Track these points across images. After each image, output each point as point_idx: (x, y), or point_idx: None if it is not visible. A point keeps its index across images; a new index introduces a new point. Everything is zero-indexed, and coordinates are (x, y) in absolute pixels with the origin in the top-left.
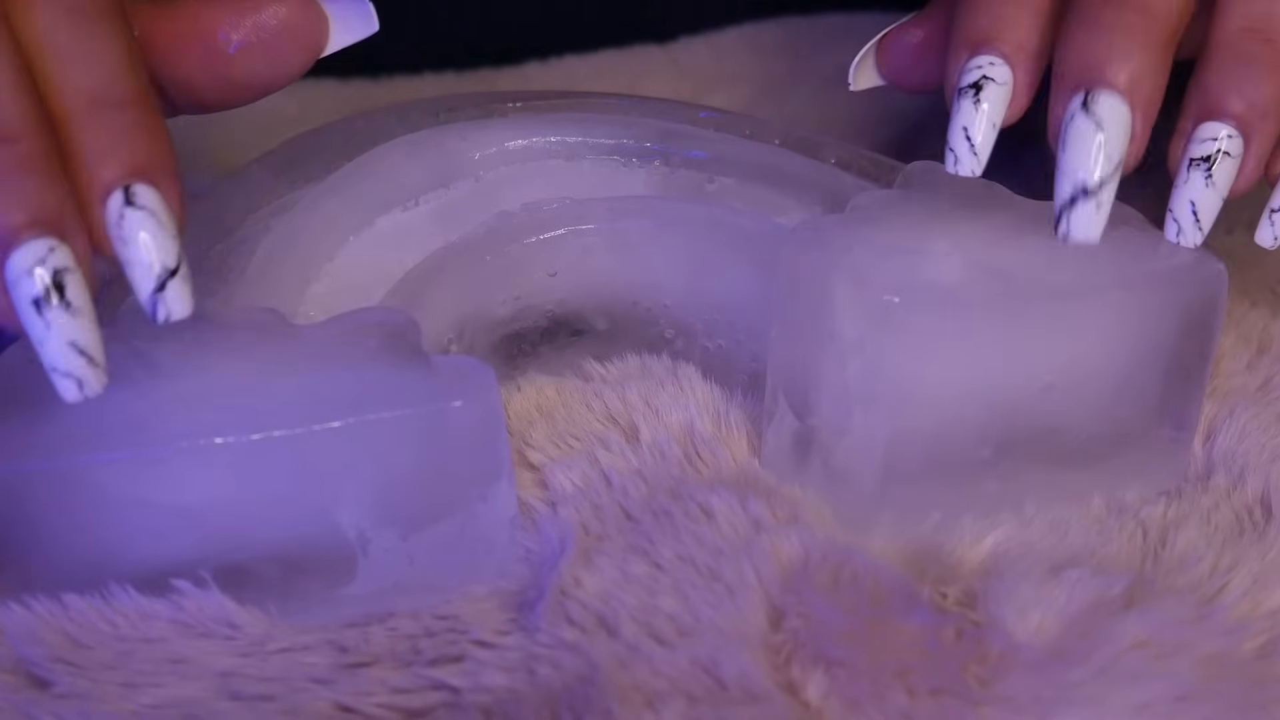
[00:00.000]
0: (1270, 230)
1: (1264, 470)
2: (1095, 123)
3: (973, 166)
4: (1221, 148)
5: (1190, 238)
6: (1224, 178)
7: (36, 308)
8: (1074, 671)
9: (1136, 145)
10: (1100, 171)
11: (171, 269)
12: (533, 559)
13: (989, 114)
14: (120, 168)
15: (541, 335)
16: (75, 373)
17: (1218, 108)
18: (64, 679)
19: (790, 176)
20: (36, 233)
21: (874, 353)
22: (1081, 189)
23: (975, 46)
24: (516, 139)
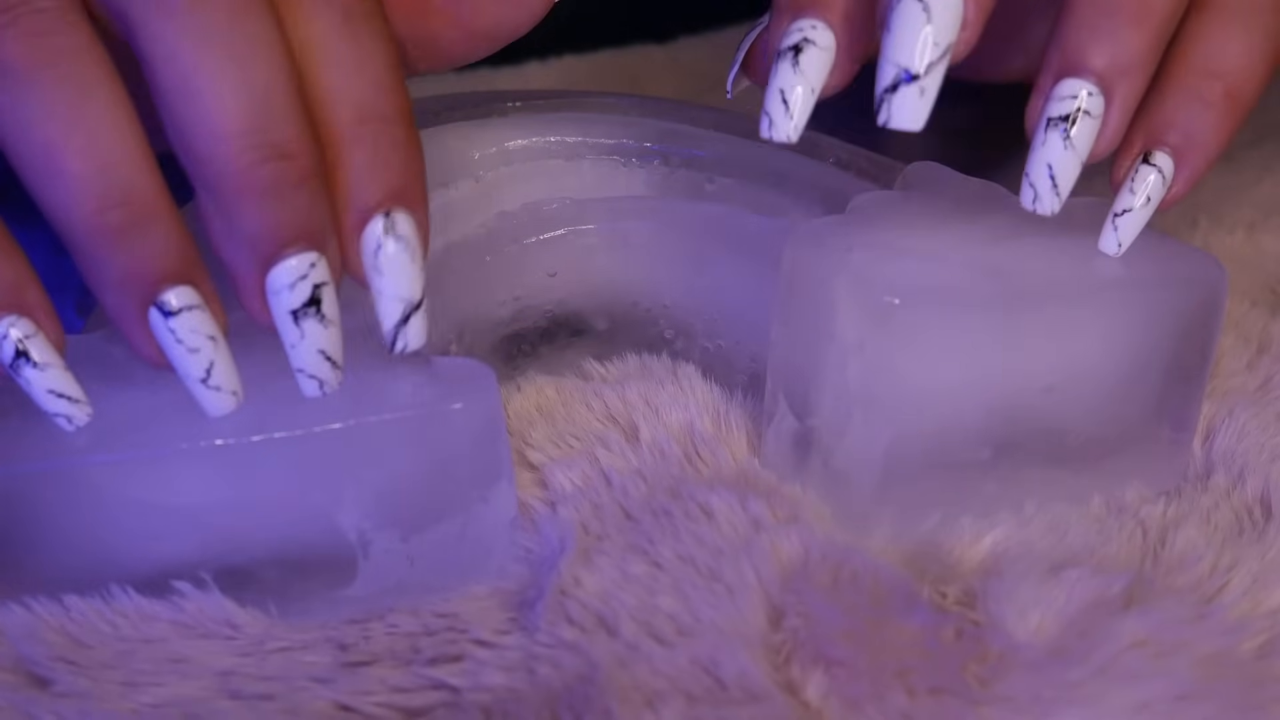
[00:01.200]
0: (1114, 236)
1: (1264, 470)
2: (923, 5)
3: (786, 132)
4: (1081, 106)
5: (1047, 204)
6: (1083, 139)
7: (294, 318)
8: (1073, 671)
9: (969, 32)
10: (927, 57)
11: (417, 303)
12: (532, 558)
13: (809, 77)
14: (382, 191)
15: (541, 335)
16: (319, 375)
17: (1077, 63)
18: (64, 678)
19: (790, 177)
20: (302, 247)
21: (874, 353)
22: (905, 73)
23: (798, 9)
24: (516, 139)
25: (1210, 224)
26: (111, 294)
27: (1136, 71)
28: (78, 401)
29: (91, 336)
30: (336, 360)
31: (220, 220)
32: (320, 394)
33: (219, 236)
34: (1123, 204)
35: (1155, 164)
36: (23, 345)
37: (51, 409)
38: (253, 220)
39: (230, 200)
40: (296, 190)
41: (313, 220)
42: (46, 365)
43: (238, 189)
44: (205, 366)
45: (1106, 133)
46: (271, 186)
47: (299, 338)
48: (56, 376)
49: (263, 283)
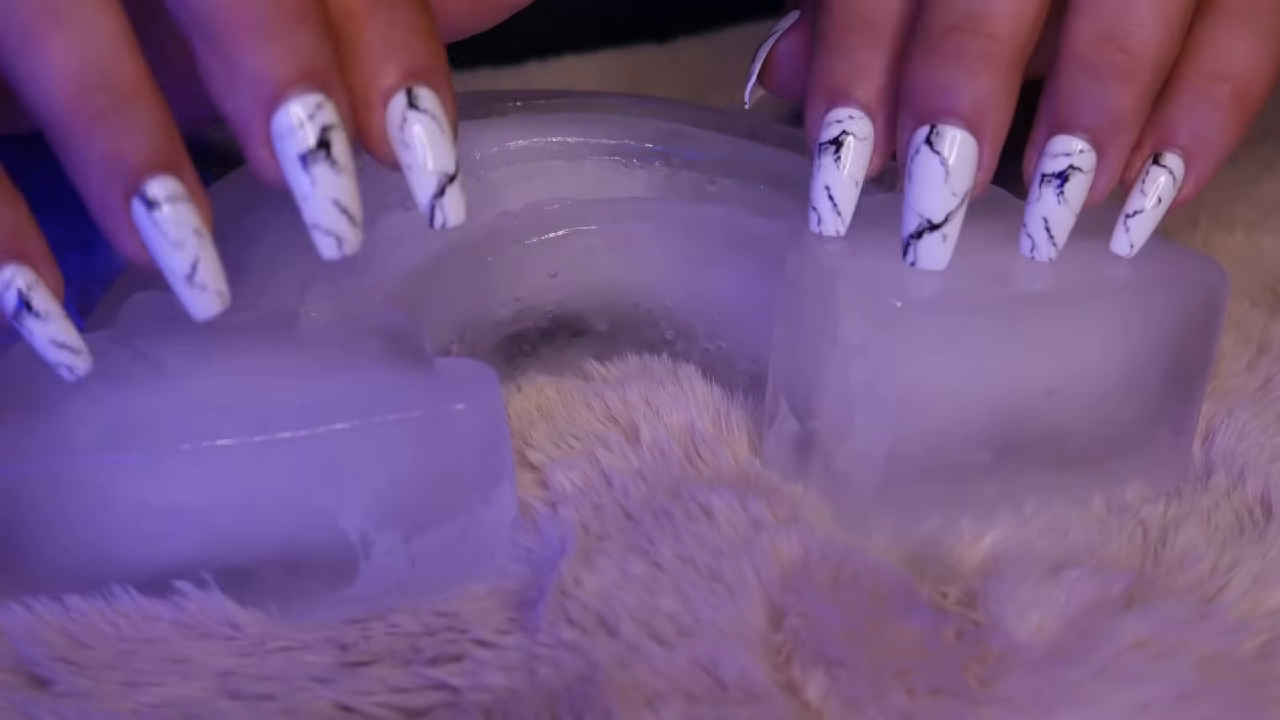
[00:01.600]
0: (1125, 238)
1: (1264, 470)
2: (940, 158)
3: (836, 226)
4: (1074, 163)
5: (1044, 253)
6: (1076, 194)
7: (303, 163)
8: (1074, 671)
9: (984, 173)
10: (946, 207)
11: (451, 174)
12: (533, 559)
13: (851, 171)
14: (402, 70)
15: (542, 336)
16: (336, 230)
17: (1070, 120)
18: (64, 678)
19: (791, 178)
20: (307, 87)
21: (876, 356)
22: (928, 223)
23: (833, 97)
24: (518, 139)
25: (1210, 224)
26: (93, 183)
27: (1125, 126)
28: (79, 351)
29: (92, 336)
30: (354, 214)
31: (220, 67)
32: (339, 253)
33: (221, 88)
34: (1134, 205)
35: (1166, 165)
36: (26, 295)
37: (54, 359)
38: (253, 60)
39: (228, 41)
40: (297, 26)
41: (317, 59)
42: (49, 315)
43: (235, 27)
44: (190, 262)
45: (1099, 185)
46: (270, 22)
47: (310, 186)
48: (58, 326)
49: (268, 129)
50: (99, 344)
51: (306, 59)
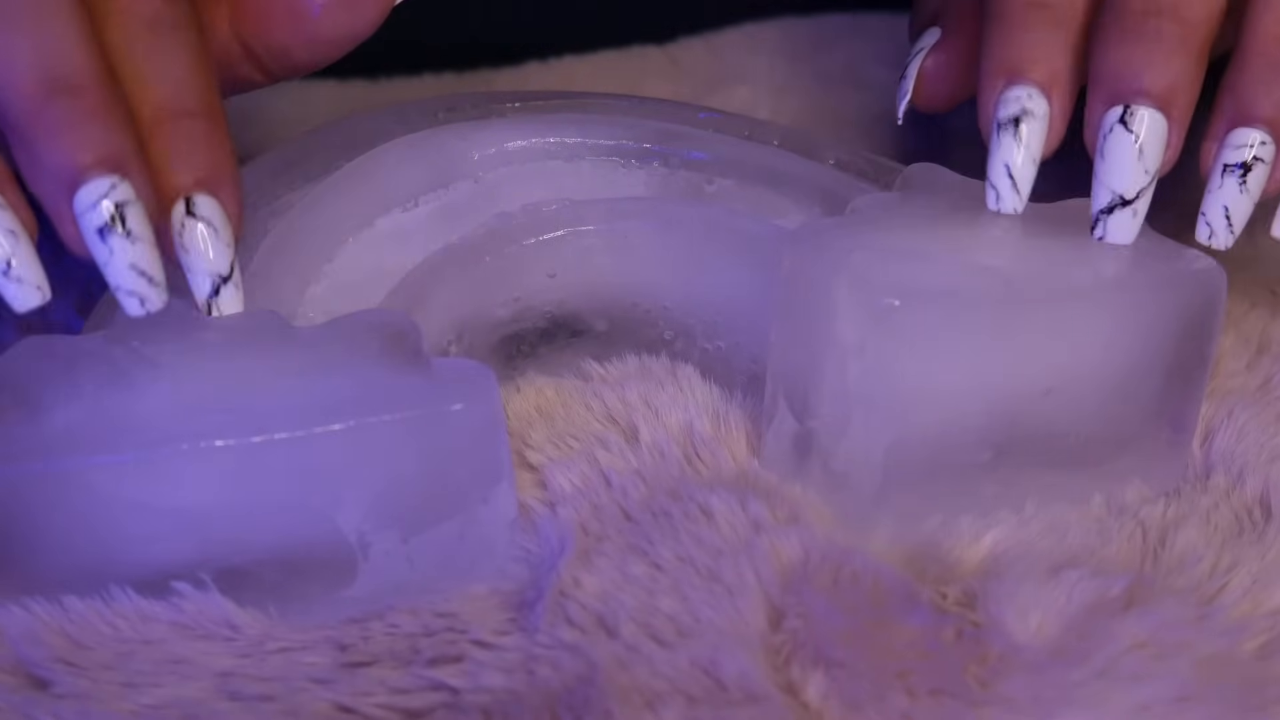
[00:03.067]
0: None
1: (1263, 470)
2: (1134, 136)
3: (1015, 204)
4: (1255, 154)
5: (1222, 240)
6: (1257, 183)
7: (101, 235)
8: (1074, 672)
9: (1171, 153)
10: (1139, 184)
11: (224, 276)
12: (532, 559)
13: (1030, 149)
14: (186, 177)
15: (541, 336)
16: (138, 291)
17: (1250, 114)
18: (64, 679)
19: (789, 178)
20: (101, 171)
21: (874, 355)
22: (1120, 199)
23: (1011, 76)
24: (516, 139)
25: None
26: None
27: None
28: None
29: (92, 337)
30: (153, 276)
31: (27, 159)
32: (142, 311)
33: (31, 176)
34: None
35: None
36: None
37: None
38: (51, 152)
39: (30, 137)
40: (89, 120)
41: (110, 146)
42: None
43: (34, 125)
44: (6, 259)
45: (1277, 175)
46: (64, 119)
47: (109, 254)
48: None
49: (71, 209)
50: (98, 344)
51: (100, 147)
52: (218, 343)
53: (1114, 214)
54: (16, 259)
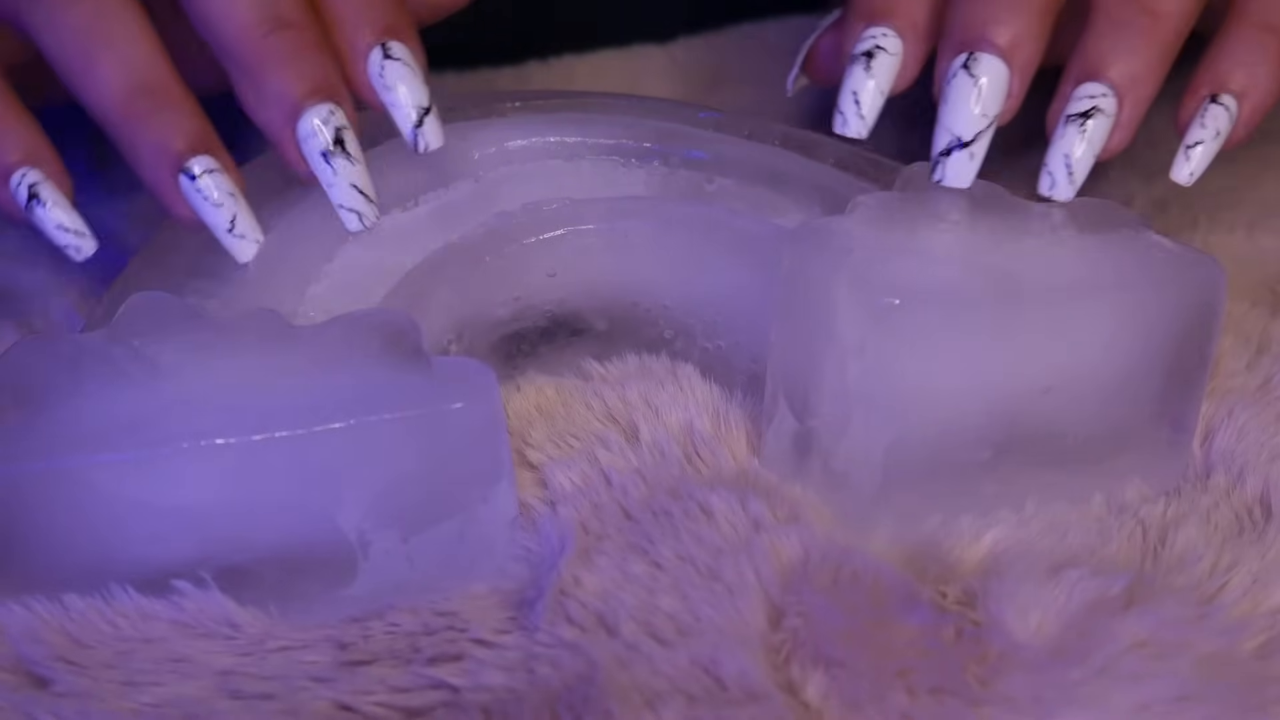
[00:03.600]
0: (1186, 166)
1: (1263, 470)
2: (974, 81)
3: (858, 129)
4: (1097, 105)
5: (1063, 191)
6: (1098, 133)
7: (324, 158)
8: (1074, 671)
9: (1012, 102)
10: (976, 127)
11: (426, 107)
12: (532, 558)
13: (878, 81)
14: (374, 31)
15: (541, 335)
16: (357, 208)
17: (1095, 71)
18: (64, 678)
19: (789, 177)
20: (319, 99)
21: (874, 354)
22: (957, 141)
23: (871, 18)
24: (516, 139)
25: (1210, 224)
26: (148, 168)
27: (1145, 80)
28: (84, 235)
29: (91, 336)
30: (369, 194)
31: (251, 91)
32: (360, 226)
33: (252, 106)
34: (1194, 137)
35: (1223, 103)
36: (34, 189)
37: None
38: (275, 82)
39: (255, 70)
40: (305, 53)
41: (324, 76)
42: (54, 204)
43: (258, 59)
44: (230, 218)
45: (1118, 131)
46: (284, 51)
47: (333, 175)
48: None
49: (294, 134)
50: (98, 344)
51: (317, 77)
52: (218, 342)
53: (951, 155)
54: (239, 217)
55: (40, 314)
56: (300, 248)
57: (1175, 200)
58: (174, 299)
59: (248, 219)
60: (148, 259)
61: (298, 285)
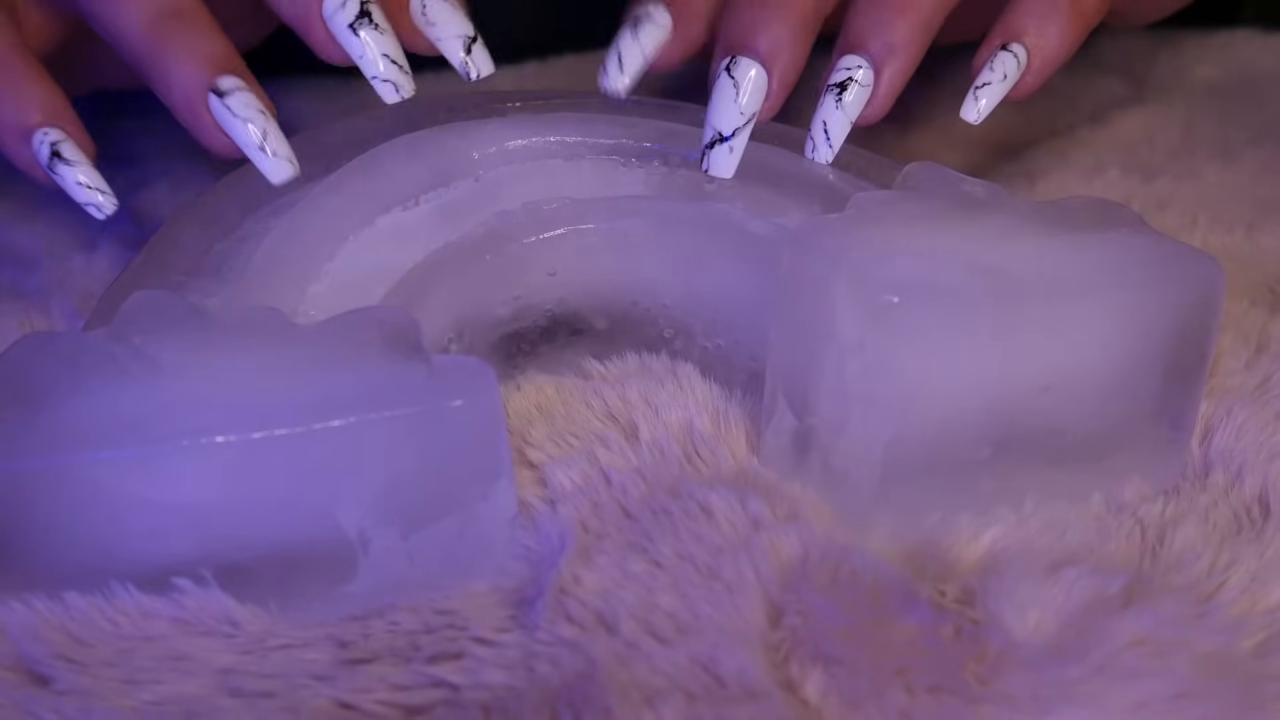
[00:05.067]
0: (974, 106)
1: (1262, 469)
2: (734, 83)
3: (617, 84)
4: (853, 76)
5: (822, 154)
6: (853, 102)
7: (353, 31)
8: (1072, 669)
9: (771, 102)
10: (735, 123)
11: (472, 36)
12: (532, 557)
13: (642, 44)
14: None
15: (541, 335)
16: (392, 78)
17: (855, 44)
18: (65, 676)
19: (789, 177)
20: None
21: (873, 352)
22: (718, 135)
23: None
24: (516, 139)
25: (1210, 223)
26: (178, 92)
27: (900, 52)
28: (105, 192)
29: (92, 334)
30: (402, 64)
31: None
32: (398, 97)
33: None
34: (983, 79)
35: (1012, 51)
36: (56, 148)
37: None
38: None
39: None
40: None
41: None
42: (76, 162)
43: None
44: (261, 132)
45: (876, 100)
46: None
47: (363, 48)
48: (85, 171)
49: (319, 14)
50: (98, 343)
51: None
52: (219, 340)
53: (714, 149)
54: (270, 135)
55: (41, 313)
56: (300, 247)
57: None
58: (175, 298)
59: (279, 138)
60: (148, 259)
61: (298, 284)
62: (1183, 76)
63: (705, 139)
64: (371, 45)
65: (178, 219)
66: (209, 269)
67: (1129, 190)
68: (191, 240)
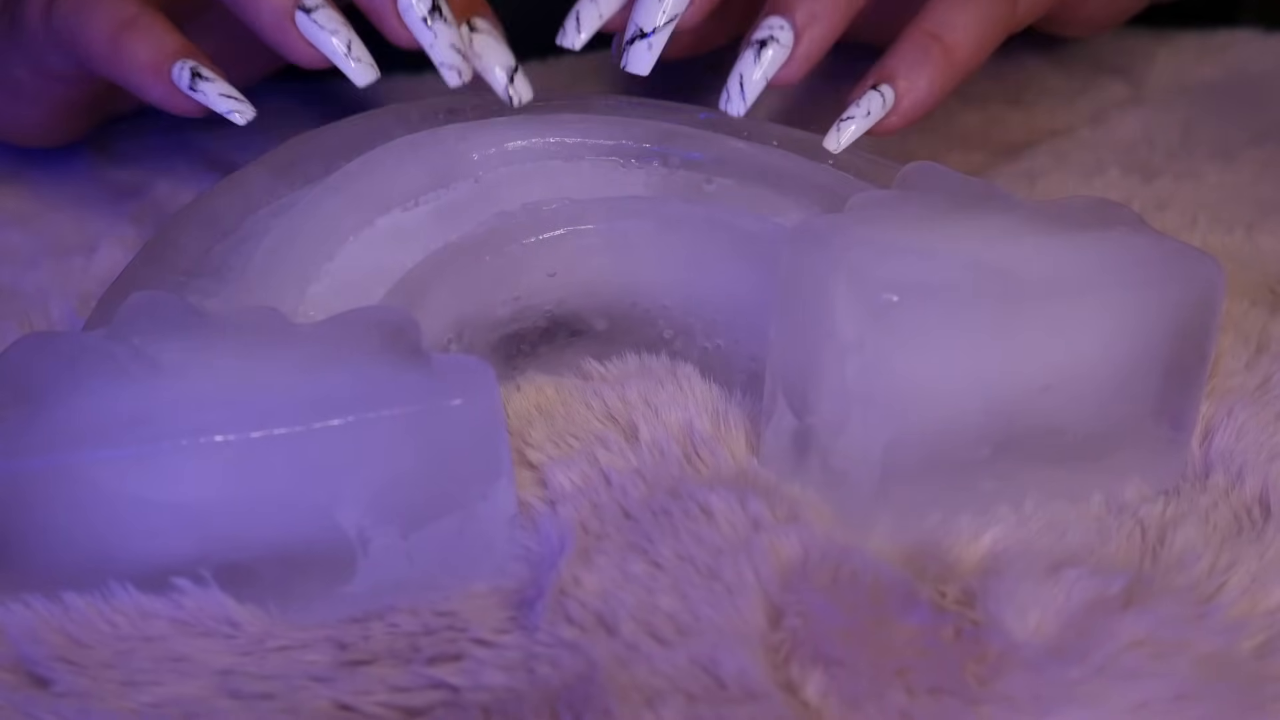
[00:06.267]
0: (836, 136)
1: (1262, 469)
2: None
3: (574, 40)
4: (774, 35)
5: (735, 107)
6: (770, 61)
7: (425, 22)
8: (1072, 670)
9: (694, 10)
10: (656, 21)
11: (514, 67)
12: (532, 558)
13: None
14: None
15: (541, 335)
16: (456, 65)
17: (782, 7)
18: (64, 677)
19: (789, 177)
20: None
21: (873, 352)
22: (639, 31)
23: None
24: (516, 139)
25: (1210, 224)
26: (268, 12)
27: (821, 20)
28: (243, 100)
29: (92, 334)
30: (465, 53)
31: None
32: (460, 81)
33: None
34: (848, 114)
35: (880, 91)
36: (196, 70)
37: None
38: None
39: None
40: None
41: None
42: (214, 79)
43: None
44: (346, 43)
45: (792, 62)
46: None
47: (433, 37)
48: (223, 85)
49: (394, 5)
50: (97, 342)
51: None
52: (218, 340)
53: (634, 44)
54: (354, 42)
55: (40, 313)
56: (300, 247)
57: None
58: (174, 298)
59: (360, 45)
60: (147, 259)
61: (298, 284)
62: (1183, 76)
63: (627, 35)
64: (441, 36)
65: (178, 219)
66: (209, 269)
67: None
68: (191, 240)
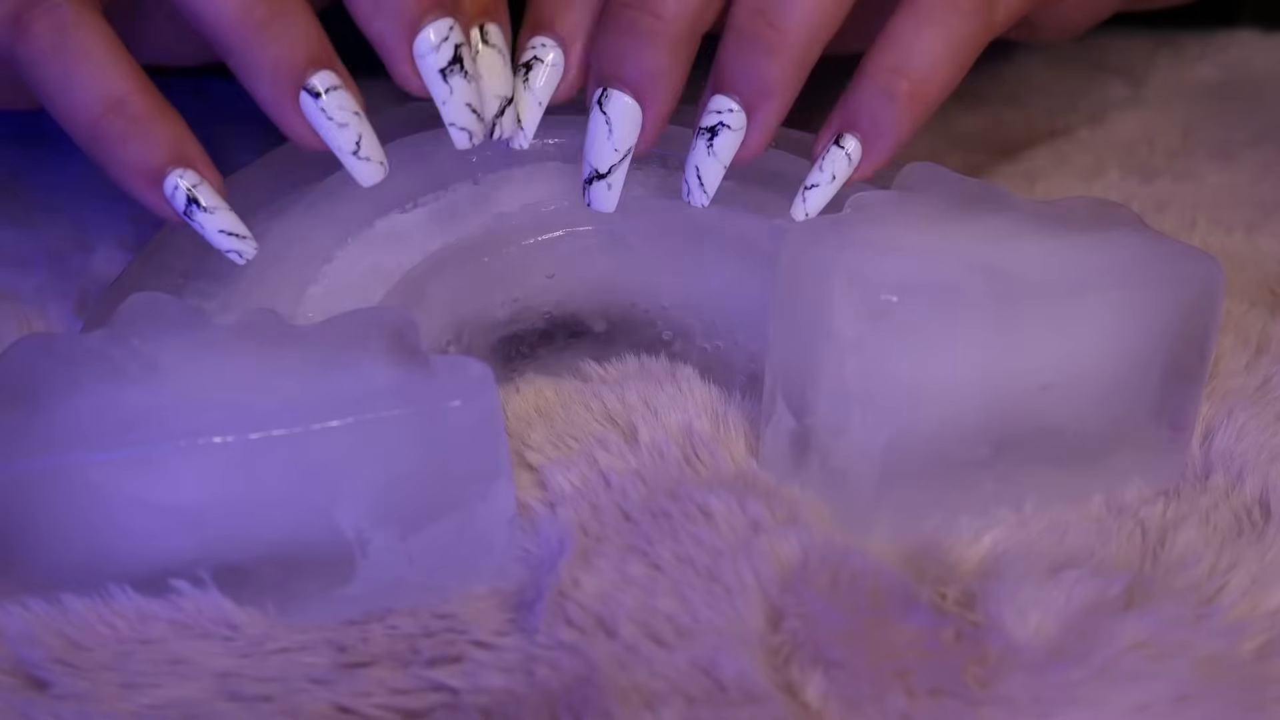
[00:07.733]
0: (802, 206)
1: (1262, 470)
2: (606, 119)
3: (520, 141)
4: (723, 120)
5: (697, 199)
6: (724, 147)
7: (442, 76)
8: (1073, 672)
9: (647, 135)
10: (610, 160)
11: (508, 99)
12: (531, 560)
13: (537, 90)
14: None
15: (540, 337)
16: (469, 127)
17: (725, 84)
18: (63, 680)
19: (788, 177)
20: (439, 14)
21: (872, 352)
22: (595, 172)
23: (534, 29)
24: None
25: (1209, 224)
26: (265, 85)
27: (773, 94)
28: (245, 238)
29: (91, 336)
30: (480, 113)
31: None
32: (469, 144)
33: (366, 13)
34: (812, 180)
35: (844, 147)
36: (192, 193)
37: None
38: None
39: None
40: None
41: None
42: (215, 208)
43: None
44: (355, 139)
45: (748, 143)
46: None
47: (449, 93)
48: (224, 217)
49: (409, 49)
50: (97, 343)
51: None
52: (216, 341)
53: (593, 185)
54: (364, 139)
55: (40, 314)
56: (300, 248)
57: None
58: (173, 299)
59: (372, 140)
60: (147, 259)
61: (297, 286)
62: (1182, 77)
63: (584, 174)
64: (457, 94)
65: None
66: (208, 271)
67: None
68: (190, 242)
